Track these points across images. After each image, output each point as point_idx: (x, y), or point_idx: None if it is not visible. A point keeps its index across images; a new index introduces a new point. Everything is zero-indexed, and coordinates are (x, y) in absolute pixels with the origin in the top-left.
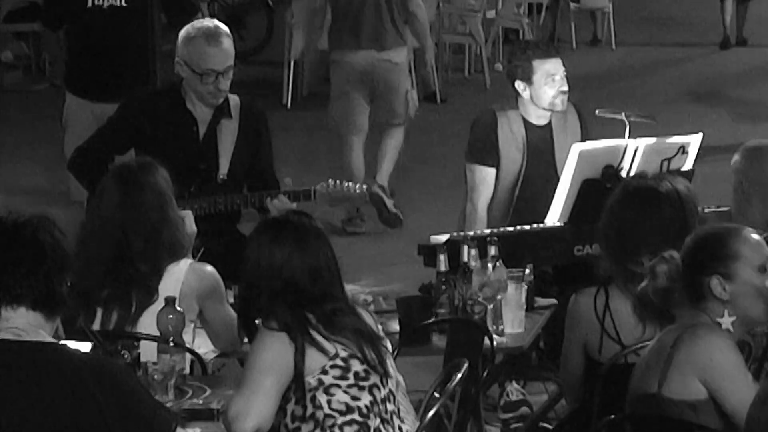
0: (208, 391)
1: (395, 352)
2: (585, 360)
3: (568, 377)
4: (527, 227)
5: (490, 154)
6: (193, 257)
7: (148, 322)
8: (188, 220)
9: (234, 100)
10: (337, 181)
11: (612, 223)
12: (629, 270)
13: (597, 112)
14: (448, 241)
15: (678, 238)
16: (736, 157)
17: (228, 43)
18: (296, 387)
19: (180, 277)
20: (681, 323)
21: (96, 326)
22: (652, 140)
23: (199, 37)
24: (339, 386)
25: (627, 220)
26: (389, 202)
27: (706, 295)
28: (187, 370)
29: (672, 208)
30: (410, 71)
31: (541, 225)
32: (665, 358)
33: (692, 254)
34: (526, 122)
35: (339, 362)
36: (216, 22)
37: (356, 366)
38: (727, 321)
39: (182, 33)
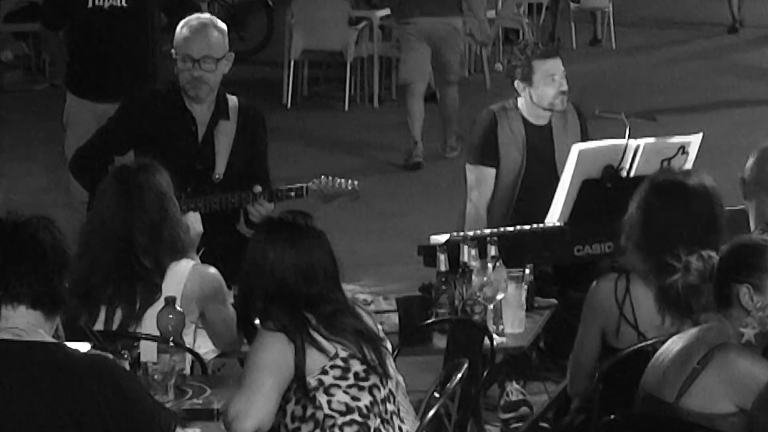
0: (208, 391)
1: (395, 352)
2: (601, 347)
3: (580, 365)
4: (527, 227)
5: (490, 154)
6: None
7: (149, 323)
8: (195, 221)
9: (232, 101)
10: (330, 178)
11: (639, 216)
12: (655, 263)
13: (597, 112)
14: (448, 241)
15: (706, 232)
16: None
17: (214, 37)
18: (298, 387)
19: (182, 278)
20: (706, 335)
21: (99, 325)
22: (652, 140)
23: (187, 25)
24: (339, 386)
25: (655, 213)
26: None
27: (732, 302)
28: (187, 370)
29: (700, 201)
30: None
31: (541, 225)
32: (689, 372)
33: (728, 259)
34: (526, 122)
35: (339, 362)
36: (211, 17)
37: (356, 366)
38: (750, 333)
39: (179, 25)
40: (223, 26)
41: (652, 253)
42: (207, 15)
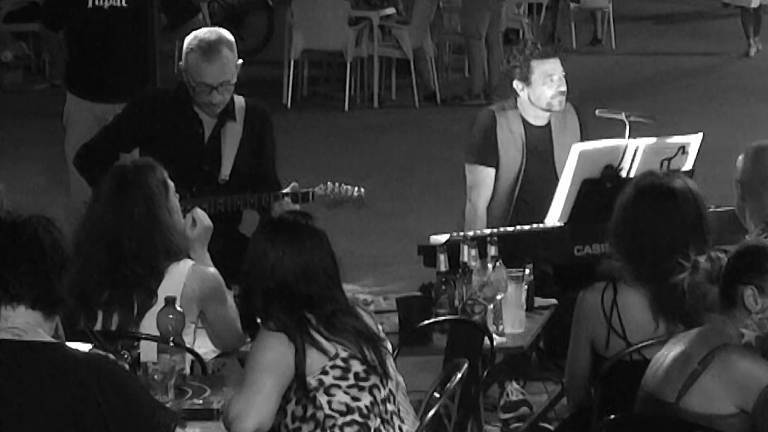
0: (208, 391)
1: (395, 352)
2: (592, 356)
3: (574, 376)
4: (527, 227)
5: (489, 154)
6: None
7: (148, 324)
8: (202, 217)
9: (239, 101)
10: (336, 184)
11: (625, 221)
12: (645, 269)
13: (597, 112)
14: (448, 241)
15: (693, 234)
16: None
17: (227, 57)
18: (298, 387)
19: (181, 279)
20: (707, 335)
21: (97, 328)
22: (652, 140)
23: (197, 50)
24: (339, 387)
25: (641, 217)
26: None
27: (737, 302)
28: (187, 370)
29: (686, 204)
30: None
31: (541, 225)
32: (689, 373)
33: (735, 260)
34: (525, 122)
35: (339, 363)
36: (219, 32)
37: (356, 366)
38: (750, 335)
39: (185, 41)
40: (231, 38)
41: (641, 258)
42: (214, 30)
